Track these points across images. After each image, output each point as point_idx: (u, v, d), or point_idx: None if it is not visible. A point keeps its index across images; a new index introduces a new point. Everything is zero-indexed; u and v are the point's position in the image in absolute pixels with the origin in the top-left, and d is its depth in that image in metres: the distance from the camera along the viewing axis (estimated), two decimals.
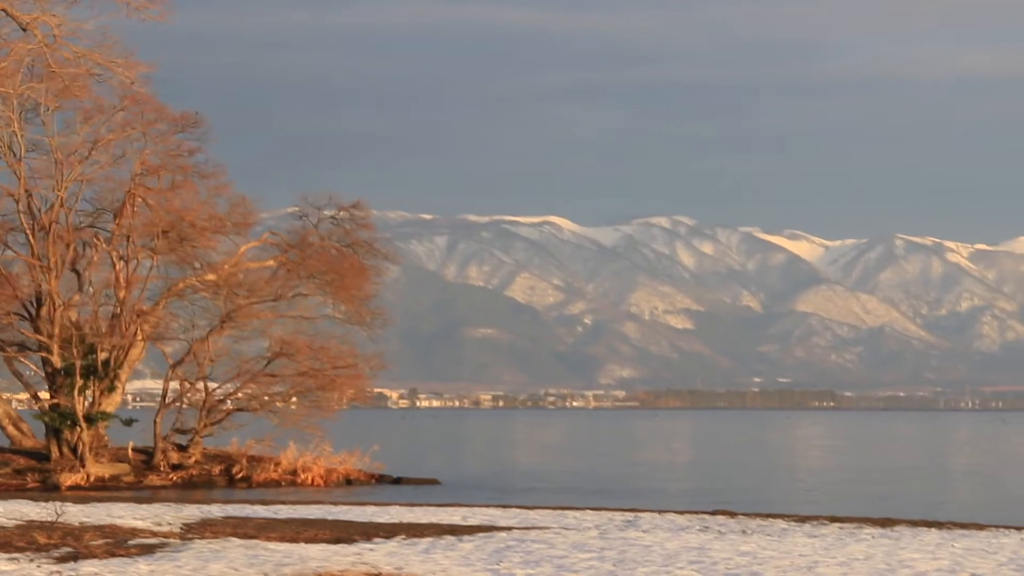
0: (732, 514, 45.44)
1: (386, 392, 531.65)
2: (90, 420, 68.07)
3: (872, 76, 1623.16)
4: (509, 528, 37.69)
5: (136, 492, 62.32)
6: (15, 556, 28.38)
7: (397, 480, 71.57)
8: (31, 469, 67.14)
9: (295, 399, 72.92)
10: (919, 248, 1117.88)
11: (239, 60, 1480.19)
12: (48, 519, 37.20)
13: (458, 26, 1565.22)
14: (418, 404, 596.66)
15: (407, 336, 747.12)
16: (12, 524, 35.32)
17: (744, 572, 27.78)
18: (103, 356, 69.17)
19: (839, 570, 28.24)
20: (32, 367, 70.86)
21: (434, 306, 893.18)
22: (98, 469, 67.07)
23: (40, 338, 69.19)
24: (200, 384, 71.64)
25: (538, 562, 29.04)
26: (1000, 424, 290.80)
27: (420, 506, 49.00)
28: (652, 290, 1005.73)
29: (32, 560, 27.83)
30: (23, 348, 70.74)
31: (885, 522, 42.38)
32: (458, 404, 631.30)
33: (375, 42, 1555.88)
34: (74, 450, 67.87)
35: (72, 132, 70.83)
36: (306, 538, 33.78)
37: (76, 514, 39.86)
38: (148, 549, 30.20)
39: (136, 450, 69.96)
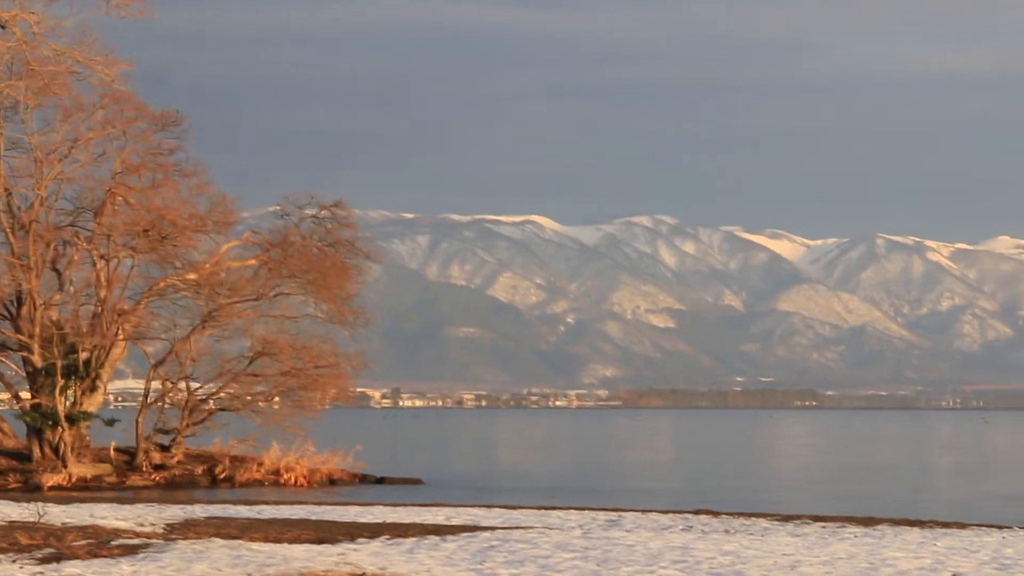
0: (715, 513, 45.46)
1: (368, 392, 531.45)
2: (72, 420, 67.88)
3: (853, 76, 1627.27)
4: (492, 528, 37.66)
5: (118, 492, 62.18)
6: None
7: (380, 480, 71.51)
8: (12, 470, 66.96)
9: (277, 399, 72.80)
10: (900, 247, 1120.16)
11: (220, 58, 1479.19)
12: (30, 520, 37.08)
13: (439, 25, 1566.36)
14: (401, 404, 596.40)
15: (389, 335, 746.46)
16: None
17: (727, 571, 27.78)
18: (84, 356, 69.00)
19: (822, 569, 28.25)
20: (13, 367, 70.61)
21: (416, 305, 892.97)
22: (80, 469, 66.90)
23: (21, 338, 68.99)
24: (182, 384, 71.50)
25: (522, 562, 29.01)
26: (981, 423, 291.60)
27: (403, 506, 48.97)
28: (634, 289, 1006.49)
29: (14, 561, 27.72)
30: (3, 348, 70.53)
31: (868, 521, 42.43)
32: (441, 404, 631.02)
33: (356, 41, 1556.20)
34: (56, 450, 67.69)
35: (52, 130, 70.70)
36: (289, 538, 33.72)
37: (58, 515, 39.74)
38: (131, 550, 30.11)
39: (118, 450, 69.78)
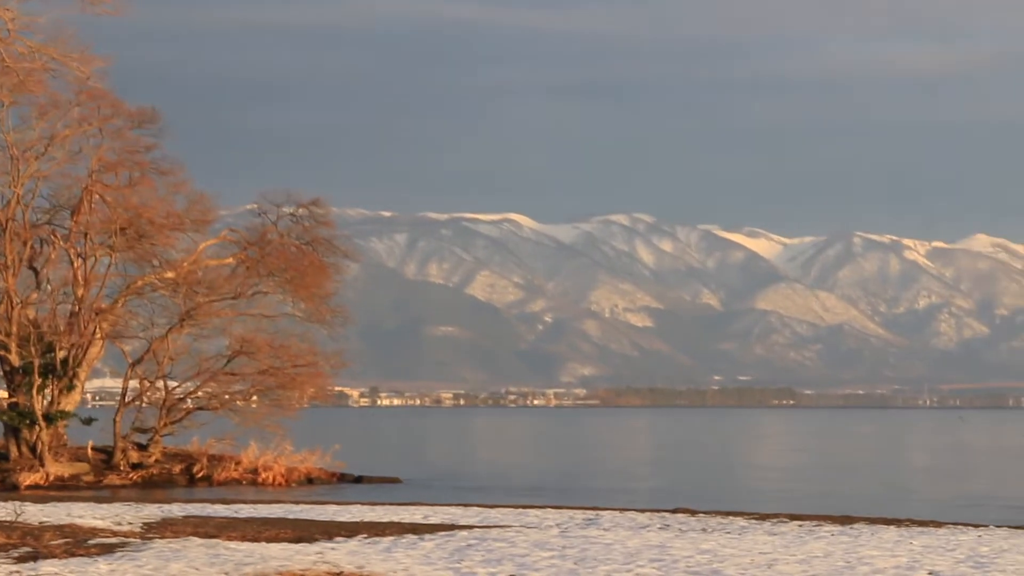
0: (693, 512, 45.57)
1: (347, 391, 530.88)
2: (49, 419, 67.73)
3: (831, 75, 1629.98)
4: (470, 527, 37.70)
5: (96, 491, 62.07)
6: None
7: (358, 479, 71.45)
8: None
9: (256, 398, 72.71)
10: (877, 246, 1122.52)
11: (196, 56, 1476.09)
12: (7, 519, 37.02)
13: (417, 23, 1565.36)
14: (379, 402, 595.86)
15: (367, 334, 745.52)
16: None
17: (705, 570, 27.86)
18: (62, 355, 68.85)
19: (799, 567, 28.35)
20: None
21: (394, 304, 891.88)
22: (57, 468, 66.75)
23: None
24: (160, 383, 71.39)
25: (499, 560, 29.06)
26: (957, 421, 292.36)
27: (381, 505, 49.00)
28: (612, 288, 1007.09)
29: None
30: None
31: (844, 520, 42.56)
32: (419, 402, 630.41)
33: (334, 39, 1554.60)
34: (33, 449, 67.52)
35: (28, 128, 70.47)
36: (267, 537, 33.72)
37: (35, 514, 39.69)
38: (108, 549, 30.09)
39: (96, 449, 69.63)
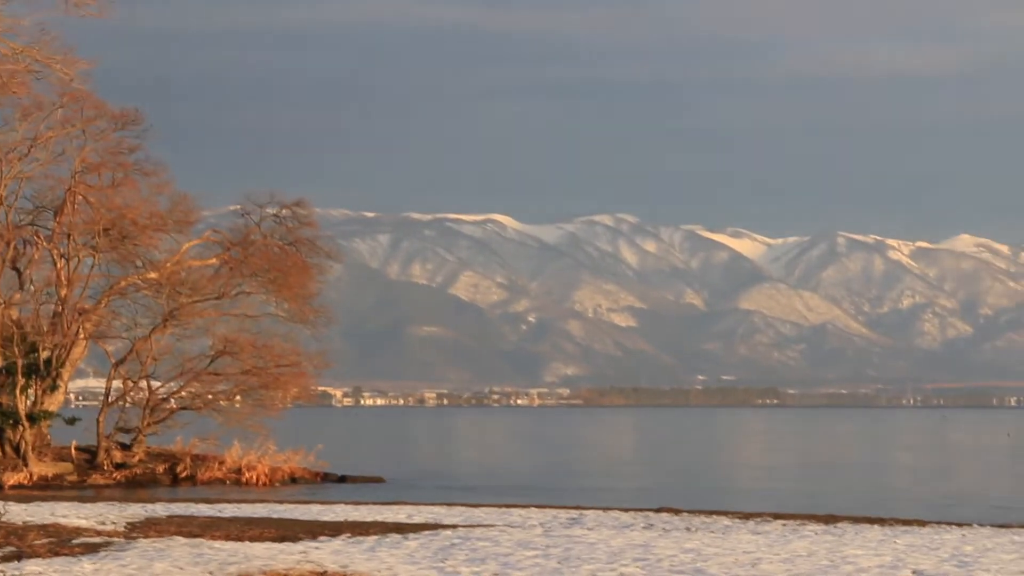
0: (676, 511, 45.63)
1: (330, 391, 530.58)
2: (32, 419, 67.62)
3: (815, 75, 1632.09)
4: (454, 526, 37.72)
5: (80, 491, 61.98)
6: None
7: (342, 478, 71.43)
8: None
9: (239, 397, 72.65)
10: (861, 246, 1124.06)
11: (179, 57, 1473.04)
12: None
13: (400, 24, 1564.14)
14: (362, 402, 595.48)
15: (351, 334, 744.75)
16: None
17: (688, 569, 27.90)
18: (45, 355, 68.74)
19: (782, 566, 28.40)
20: None
21: (377, 304, 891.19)
22: (41, 468, 66.65)
23: None
24: (143, 383, 71.32)
25: (483, 560, 29.08)
26: (941, 421, 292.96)
27: (365, 504, 48.98)
28: (596, 288, 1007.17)
29: None
30: None
31: (828, 519, 42.63)
32: (402, 402, 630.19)
33: (317, 40, 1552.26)
34: (17, 449, 67.41)
35: (11, 129, 70.36)
36: (251, 536, 33.71)
37: (19, 513, 39.62)
38: (92, 548, 30.06)
39: (79, 449, 69.54)
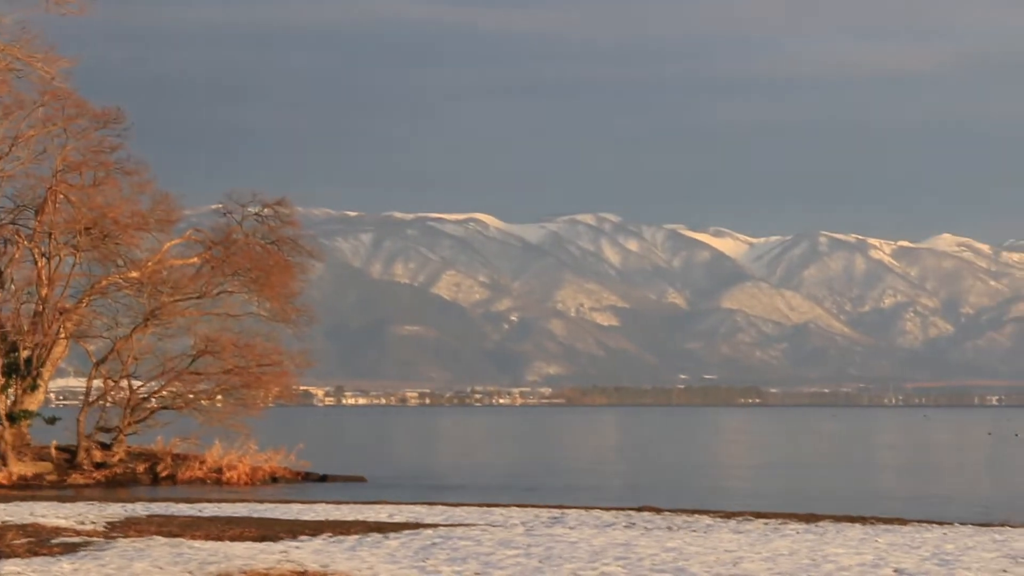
0: (658, 510, 45.61)
1: (312, 390, 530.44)
2: (12, 418, 67.43)
3: (797, 75, 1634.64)
4: (435, 525, 37.67)
5: (59, 491, 61.80)
6: None
7: (323, 478, 71.35)
8: None
9: (220, 397, 72.52)
10: (843, 245, 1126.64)
11: (162, 55, 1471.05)
12: None
13: (383, 23, 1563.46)
14: (344, 402, 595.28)
15: (333, 334, 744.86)
16: None
17: (670, 568, 27.89)
18: (25, 354, 68.55)
19: (764, 565, 28.40)
20: None
21: (359, 303, 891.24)
22: (21, 468, 66.44)
23: None
24: (124, 382, 71.14)
25: (464, 559, 29.04)
26: (922, 420, 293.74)
27: (346, 503, 48.91)
28: (578, 287, 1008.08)
29: None
30: None
31: (809, 518, 42.65)
32: (384, 402, 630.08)
33: (300, 38, 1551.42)
34: None
35: None
36: (231, 536, 33.63)
37: None
38: (71, 548, 29.96)
39: (59, 448, 69.34)
